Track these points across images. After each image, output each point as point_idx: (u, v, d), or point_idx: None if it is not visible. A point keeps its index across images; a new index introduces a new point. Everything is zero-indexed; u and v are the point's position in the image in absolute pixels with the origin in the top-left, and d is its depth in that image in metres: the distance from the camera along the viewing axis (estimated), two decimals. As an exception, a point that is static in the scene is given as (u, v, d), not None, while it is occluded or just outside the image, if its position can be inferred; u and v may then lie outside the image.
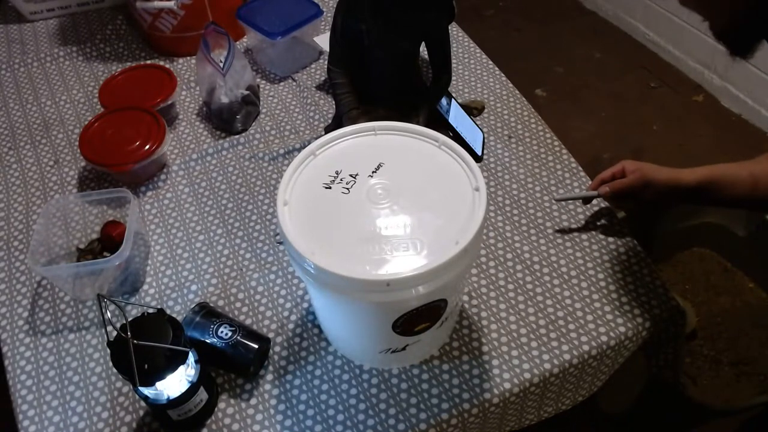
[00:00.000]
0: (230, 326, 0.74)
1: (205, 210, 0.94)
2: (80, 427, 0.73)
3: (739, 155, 0.79)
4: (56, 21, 1.30)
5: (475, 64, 1.16)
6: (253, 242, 0.90)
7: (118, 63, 1.20)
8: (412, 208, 0.62)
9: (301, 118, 1.07)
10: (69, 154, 1.03)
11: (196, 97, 1.12)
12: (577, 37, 2.36)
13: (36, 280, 0.87)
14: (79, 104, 1.12)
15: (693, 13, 0.57)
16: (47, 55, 1.21)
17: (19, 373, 0.78)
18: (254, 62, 1.17)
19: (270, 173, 0.99)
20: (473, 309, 0.81)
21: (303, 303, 0.83)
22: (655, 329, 0.80)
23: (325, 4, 1.24)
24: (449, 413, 0.72)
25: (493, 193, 0.94)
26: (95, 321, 0.82)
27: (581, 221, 0.90)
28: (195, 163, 1.01)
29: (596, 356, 0.77)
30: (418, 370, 0.76)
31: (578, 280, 0.83)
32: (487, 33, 2.36)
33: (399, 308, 0.61)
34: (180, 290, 0.85)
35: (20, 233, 0.92)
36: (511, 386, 0.74)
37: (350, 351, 0.77)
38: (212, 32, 1.02)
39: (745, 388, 1.26)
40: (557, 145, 1.01)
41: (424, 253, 0.58)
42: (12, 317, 0.83)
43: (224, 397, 0.74)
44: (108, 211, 0.92)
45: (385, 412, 0.72)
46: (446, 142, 0.67)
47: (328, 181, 0.65)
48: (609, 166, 0.86)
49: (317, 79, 1.14)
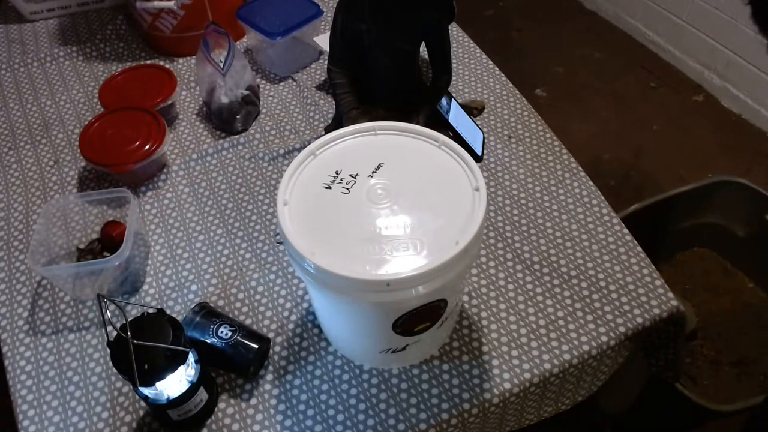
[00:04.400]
0: (230, 326, 0.74)
1: (205, 210, 0.94)
2: (80, 427, 0.73)
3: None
4: (56, 21, 1.30)
5: (475, 64, 1.16)
6: (253, 242, 0.90)
7: (118, 63, 1.20)
8: (412, 208, 0.62)
9: (301, 118, 1.07)
10: (69, 154, 1.03)
11: (196, 97, 1.12)
12: (577, 37, 2.36)
13: (36, 280, 0.87)
14: (79, 104, 1.12)
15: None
16: (47, 55, 1.21)
17: (19, 373, 0.78)
18: (254, 62, 1.17)
19: (270, 173, 0.99)
20: (473, 309, 0.81)
21: (303, 303, 0.83)
22: (655, 329, 0.80)
23: (325, 4, 1.24)
24: (449, 413, 0.72)
25: (493, 193, 0.94)
26: (95, 321, 0.82)
27: (581, 221, 0.90)
28: (195, 163, 1.01)
29: (596, 356, 0.77)
30: (418, 370, 0.76)
31: (578, 280, 0.83)
32: (487, 33, 2.36)
33: (399, 308, 0.61)
34: (180, 290, 0.85)
35: (20, 233, 0.92)
36: (511, 386, 0.74)
37: (350, 351, 0.77)
38: (212, 32, 1.02)
39: (745, 388, 1.27)
40: (557, 145, 1.01)
41: (424, 253, 0.58)
42: (12, 317, 0.83)
43: (224, 397, 0.74)
44: (108, 211, 0.92)
45: (385, 412, 0.72)
46: (446, 142, 0.67)
47: (328, 181, 0.65)
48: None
49: (317, 79, 1.14)
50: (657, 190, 1.58)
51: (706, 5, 1.97)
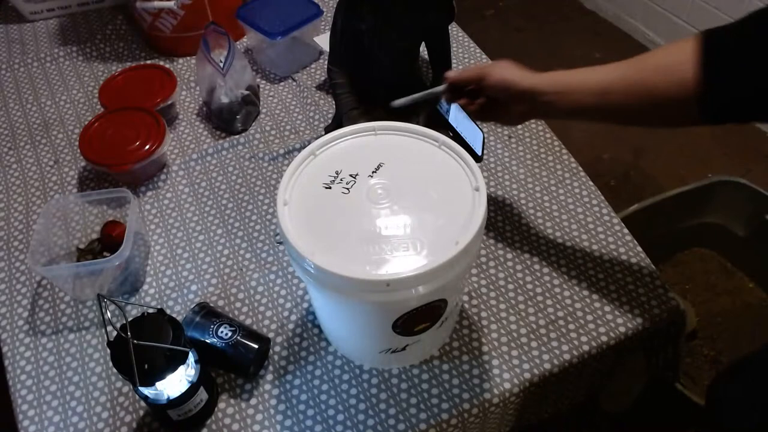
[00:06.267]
0: (230, 326, 0.74)
1: (205, 210, 0.94)
2: (80, 427, 0.73)
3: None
4: (56, 21, 1.30)
5: (475, 64, 1.16)
6: (253, 242, 0.90)
7: (118, 63, 1.20)
8: (412, 208, 0.62)
9: (301, 118, 1.07)
10: (69, 154, 1.03)
11: (196, 97, 1.12)
12: (577, 37, 2.36)
13: (36, 280, 0.87)
14: (79, 104, 1.12)
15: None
16: (47, 55, 1.21)
17: (19, 373, 0.78)
18: (254, 62, 1.17)
19: (270, 173, 0.99)
20: (473, 309, 0.81)
21: (303, 303, 0.83)
22: (655, 329, 0.80)
23: (325, 4, 1.24)
24: (449, 413, 0.72)
25: (493, 193, 0.94)
26: (95, 321, 0.82)
27: (581, 221, 0.90)
28: (195, 163, 1.01)
29: (596, 356, 0.77)
30: (418, 370, 0.76)
31: (578, 280, 0.83)
32: (487, 33, 2.36)
33: (399, 308, 0.61)
34: (180, 290, 0.85)
35: (20, 233, 0.92)
36: (511, 386, 0.74)
37: (350, 351, 0.77)
38: (212, 32, 1.02)
39: (745, 388, 1.26)
40: (557, 145, 1.01)
41: (424, 253, 0.58)
42: (12, 317, 0.83)
43: (224, 397, 0.74)
44: (108, 211, 0.92)
45: (385, 412, 0.72)
46: (446, 142, 0.67)
47: (328, 181, 0.65)
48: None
49: (317, 79, 1.14)
50: (657, 190, 1.58)
51: (706, 5, 1.97)
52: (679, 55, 0.59)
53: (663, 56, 0.62)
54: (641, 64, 0.64)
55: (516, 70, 0.72)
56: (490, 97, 0.76)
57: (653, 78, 0.62)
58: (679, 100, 0.60)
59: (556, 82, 0.69)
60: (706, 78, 0.57)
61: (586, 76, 0.68)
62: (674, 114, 0.63)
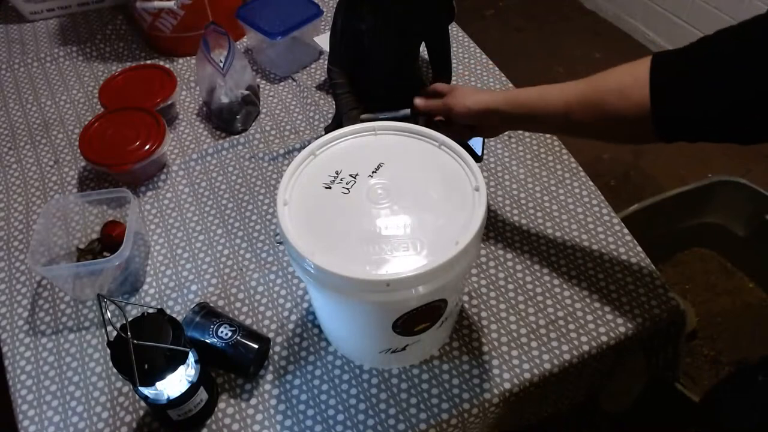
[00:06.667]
0: (230, 326, 0.74)
1: (205, 210, 0.94)
2: (80, 427, 0.73)
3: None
4: (56, 21, 1.30)
5: (475, 64, 1.16)
6: (253, 242, 0.90)
7: (118, 63, 1.20)
8: (412, 208, 0.62)
9: (301, 118, 1.07)
10: (69, 154, 1.03)
11: (196, 97, 1.12)
12: (577, 37, 2.36)
13: (36, 280, 0.87)
14: (79, 104, 1.12)
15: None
16: (47, 55, 1.21)
17: (19, 373, 0.78)
18: (254, 62, 1.17)
19: (270, 173, 0.99)
20: (473, 309, 0.81)
21: (303, 303, 0.83)
22: (655, 329, 0.80)
23: (325, 4, 1.24)
24: (449, 413, 0.72)
25: (493, 193, 0.94)
26: (95, 321, 0.82)
27: (581, 221, 0.90)
28: (195, 163, 1.01)
29: (596, 356, 0.77)
30: (418, 370, 0.76)
31: (578, 280, 0.83)
32: (487, 33, 2.36)
33: (399, 308, 0.61)
34: (180, 290, 0.85)
35: (20, 233, 0.92)
36: (511, 386, 0.74)
37: (350, 351, 0.77)
38: (212, 32, 1.02)
39: (745, 388, 1.26)
40: (557, 145, 1.01)
41: (424, 253, 0.58)
42: (12, 317, 0.83)
43: (224, 397, 0.74)
44: (108, 211, 0.92)
45: (385, 412, 0.72)
46: (446, 142, 0.67)
47: (328, 181, 0.65)
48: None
49: (317, 79, 1.14)
50: (657, 190, 1.58)
51: (706, 5, 1.97)
52: (633, 76, 0.61)
53: (620, 77, 0.64)
54: (599, 83, 0.66)
55: (477, 95, 0.76)
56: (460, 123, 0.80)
57: (610, 99, 0.64)
58: (635, 121, 0.62)
59: (517, 101, 0.73)
60: (654, 101, 0.59)
61: (547, 94, 0.70)
62: (632, 132, 0.65)
